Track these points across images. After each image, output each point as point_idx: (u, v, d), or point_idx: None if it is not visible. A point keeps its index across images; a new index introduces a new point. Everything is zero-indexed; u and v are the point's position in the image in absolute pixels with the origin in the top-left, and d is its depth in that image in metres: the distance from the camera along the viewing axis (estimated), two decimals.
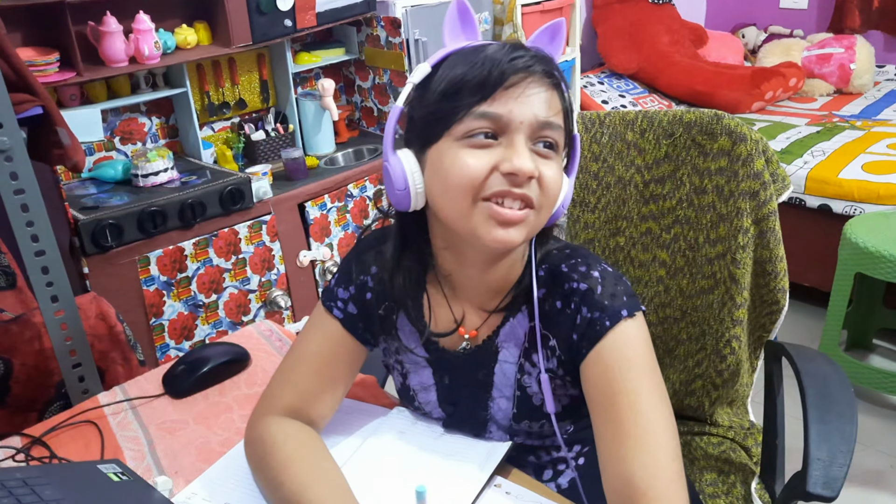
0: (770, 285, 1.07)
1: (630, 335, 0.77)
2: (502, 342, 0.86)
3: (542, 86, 0.75)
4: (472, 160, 0.73)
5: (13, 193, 1.10)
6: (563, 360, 0.82)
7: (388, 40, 2.37)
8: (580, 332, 0.79)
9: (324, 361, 0.89)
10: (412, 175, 0.77)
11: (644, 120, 1.13)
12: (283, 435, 0.84)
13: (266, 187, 2.07)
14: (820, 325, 2.15)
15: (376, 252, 0.89)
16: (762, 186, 1.03)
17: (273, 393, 0.90)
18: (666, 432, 0.74)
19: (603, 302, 0.78)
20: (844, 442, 0.87)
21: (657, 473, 0.71)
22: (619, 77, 3.31)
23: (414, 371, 0.91)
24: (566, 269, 0.82)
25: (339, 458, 0.87)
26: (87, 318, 1.30)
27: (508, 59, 0.73)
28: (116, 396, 1.08)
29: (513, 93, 0.73)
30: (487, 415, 0.89)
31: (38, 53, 1.77)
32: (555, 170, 0.76)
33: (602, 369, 0.77)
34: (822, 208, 2.39)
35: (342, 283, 0.90)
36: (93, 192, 1.94)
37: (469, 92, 0.73)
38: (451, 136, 0.75)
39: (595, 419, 0.77)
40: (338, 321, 0.89)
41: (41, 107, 1.14)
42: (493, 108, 0.73)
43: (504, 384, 0.87)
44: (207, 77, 2.24)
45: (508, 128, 0.73)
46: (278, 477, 0.80)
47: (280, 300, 2.13)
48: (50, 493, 0.77)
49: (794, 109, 3.15)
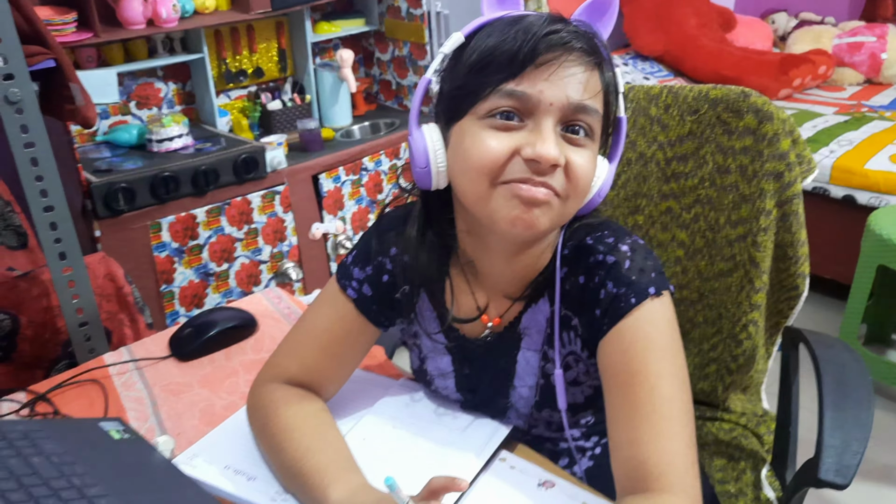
0: (790, 270, 1.04)
1: (655, 314, 0.73)
2: (524, 329, 0.82)
3: (580, 65, 0.68)
4: (493, 142, 0.68)
5: (23, 147, 1.09)
6: (585, 338, 0.78)
7: (409, 12, 2.33)
8: (604, 307, 0.74)
9: (333, 339, 0.86)
10: (434, 152, 0.73)
11: (669, 95, 1.09)
12: (285, 401, 0.83)
13: (280, 157, 2.05)
14: (839, 317, 2.11)
15: (397, 232, 0.84)
16: (787, 168, 1.00)
17: (278, 362, 0.88)
18: (684, 420, 0.71)
19: (630, 277, 0.74)
20: (859, 429, 0.84)
21: (672, 461, 0.68)
22: (645, 59, 3.25)
23: (432, 357, 0.88)
24: (591, 242, 0.77)
25: (343, 428, 0.85)
26: (96, 278, 1.30)
27: (544, 34, 0.67)
28: (122, 357, 1.07)
29: (544, 71, 0.67)
30: (507, 402, 0.86)
31: (56, 13, 1.75)
32: (586, 158, 0.70)
33: (622, 348, 0.73)
34: (846, 199, 2.34)
35: (359, 261, 0.86)
36: (107, 156, 1.93)
37: (497, 67, 0.68)
38: (475, 113, 0.70)
39: (609, 398, 0.74)
40: (351, 302, 0.85)
41: (53, 59, 1.12)
42: (521, 86, 0.67)
43: (526, 372, 0.83)
44: (225, 44, 2.22)
45: (537, 109, 0.68)
46: (280, 443, 0.78)
47: (291, 272, 2.12)
48: (50, 446, 0.77)
49: (822, 98, 3.09)
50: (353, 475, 0.74)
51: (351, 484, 0.72)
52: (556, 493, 0.77)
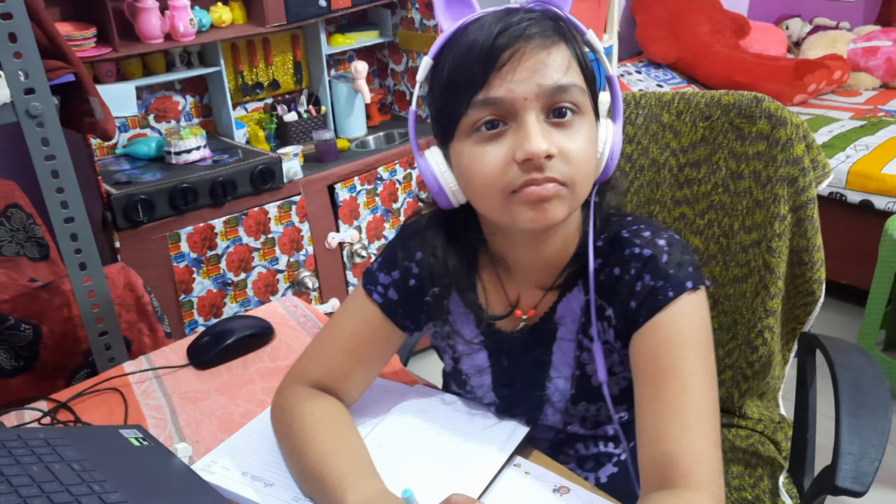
0: (806, 275, 1.04)
1: (692, 310, 0.74)
2: (560, 318, 0.83)
3: (541, 49, 0.68)
4: (487, 157, 0.70)
5: (44, 160, 1.11)
6: (618, 329, 0.79)
7: (422, 23, 2.35)
8: (640, 299, 0.75)
9: (358, 343, 0.87)
10: (442, 176, 0.75)
11: (681, 101, 1.09)
12: (310, 405, 0.84)
13: (296, 168, 2.06)
14: (857, 323, 2.09)
15: (422, 238, 0.85)
16: (801, 173, 1.00)
17: (304, 365, 0.89)
18: (713, 418, 0.71)
19: (668, 271, 0.74)
20: (877, 436, 0.84)
21: (700, 458, 0.68)
22: (658, 66, 3.25)
23: (468, 355, 0.89)
24: (627, 235, 0.78)
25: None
26: (115, 288, 1.31)
27: (496, 33, 0.67)
28: (142, 365, 1.09)
29: (508, 70, 0.68)
30: (544, 395, 0.86)
31: (76, 28, 1.78)
32: (579, 139, 0.71)
33: (656, 341, 0.73)
34: (863, 204, 2.32)
35: (385, 267, 0.88)
36: (126, 168, 1.95)
37: (464, 82, 0.69)
38: (462, 131, 0.71)
39: (640, 392, 0.74)
40: (377, 306, 0.87)
41: (73, 74, 1.15)
42: (491, 93, 0.68)
43: (562, 363, 0.84)
44: (241, 57, 2.24)
45: (513, 109, 0.68)
46: (302, 446, 0.79)
47: (308, 281, 2.13)
48: (71, 453, 0.78)
49: (837, 103, 3.07)
50: (372, 481, 0.75)
51: (369, 490, 0.73)
52: (572, 499, 0.77)
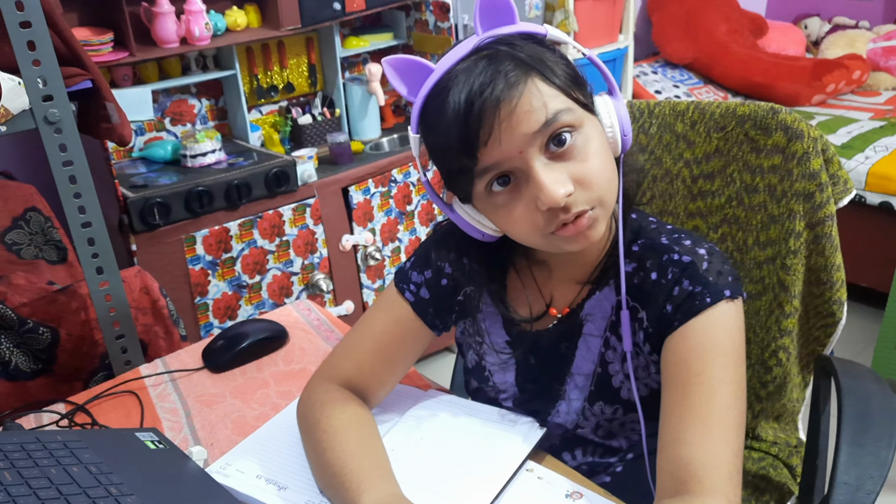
0: (825, 296, 1.00)
1: (728, 319, 0.74)
2: (587, 315, 0.83)
3: (515, 97, 0.67)
4: (514, 214, 0.72)
5: (62, 165, 1.12)
6: (650, 333, 0.79)
7: (436, 25, 2.35)
8: (676, 303, 0.75)
9: (388, 342, 0.88)
10: (480, 224, 0.78)
11: (695, 111, 1.06)
12: (340, 404, 0.85)
13: (311, 171, 2.07)
14: (877, 327, 2.06)
15: (456, 238, 0.86)
16: (818, 188, 0.96)
17: (335, 363, 0.90)
18: (737, 429, 0.71)
19: (707, 278, 0.75)
20: (877, 468, 0.80)
21: (718, 465, 0.67)
22: (674, 67, 3.23)
23: (492, 352, 0.90)
24: (666, 242, 0.79)
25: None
26: (132, 291, 1.33)
27: (465, 119, 0.67)
28: (157, 368, 1.10)
29: (492, 143, 0.68)
30: (562, 389, 0.86)
31: (93, 33, 1.80)
32: (587, 157, 0.71)
33: (689, 346, 0.73)
34: (883, 206, 2.29)
35: (418, 266, 0.89)
36: (142, 172, 1.97)
37: (455, 157, 0.71)
38: (477, 195, 0.74)
39: (667, 395, 0.74)
40: (409, 304, 0.88)
41: (90, 80, 1.16)
42: (484, 161, 0.69)
43: (586, 359, 0.84)
44: (256, 60, 2.25)
45: (514, 165, 0.70)
46: (326, 442, 0.80)
47: (322, 283, 2.14)
48: (88, 456, 0.79)
49: (856, 103, 3.03)
50: (389, 485, 0.75)
51: (385, 493, 0.73)
52: None
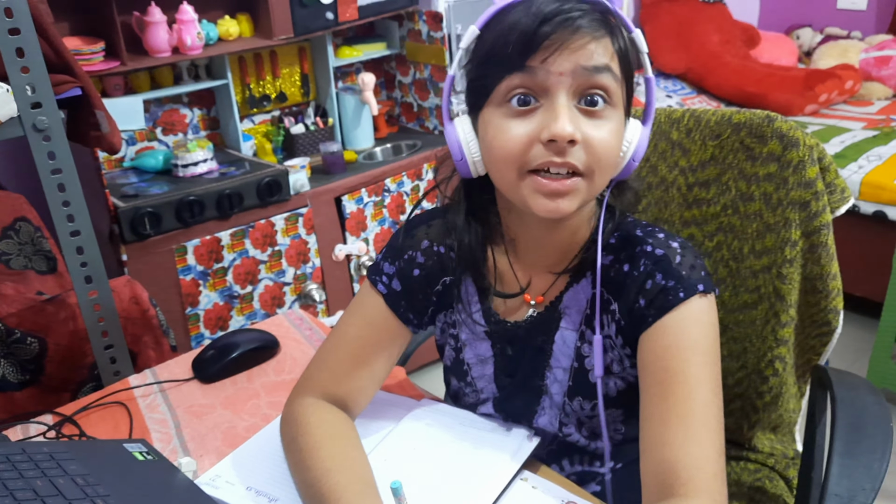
0: (820, 304, 0.99)
1: (702, 314, 0.74)
2: (564, 308, 0.83)
3: (587, 36, 0.69)
4: (512, 131, 0.70)
5: (50, 173, 1.11)
6: (622, 326, 0.78)
7: (429, 35, 2.35)
8: (649, 297, 0.75)
9: (362, 343, 0.87)
10: (467, 144, 0.76)
11: (691, 119, 1.06)
12: (316, 418, 0.83)
13: (303, 180, 2.06)
14: (871, 336, 2.06)
15: (427, 226, 0.87)
16: (814, 197, 0.95)
17: (311, 374, 0.89)
18: (717, 428, 0.70)
19: (680, 272, 0.74)
20: (869, 480, 0.79)
21: (702, 466, 0.67)
22: (667, 77, 3.24)
23: (471, 344, 0.88)
24: (640, 234, 0.79)
25: (364, 450, 0.85)
26: (121, 301, 1.31)
27: (548, 13, 0.68)
28: (147, 379, 1.08)
29: (551, 47, 0.68)
30: (543, 385, 0.86)
31: (84, 42, 1.79)
32: (607, 130, 0.71)
33: (665, 343, 0.73)
34: (876, 215, 2.30)
35: (389, 257, 0.88)
36: (133, 181, 1.96)
37: (507, 53, 0.69)
38: (494, 101, 0.72)
39: (645, 396, 0.74)
40: (381, 297, 0.87)
41: (80, 88, 1.15)
42: (528, 65, 0.69)
43: (563, 353, 0.84)
44: (249, 70, 2.25)
45: (547, 83, 0.69)
46: (305, 460, 0.79)
47: (315, 293, 2.13)
48: (75, 467, 0.78)
49: (849, 113, 3.04)
50: (368, 499, 0.73)
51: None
52: None
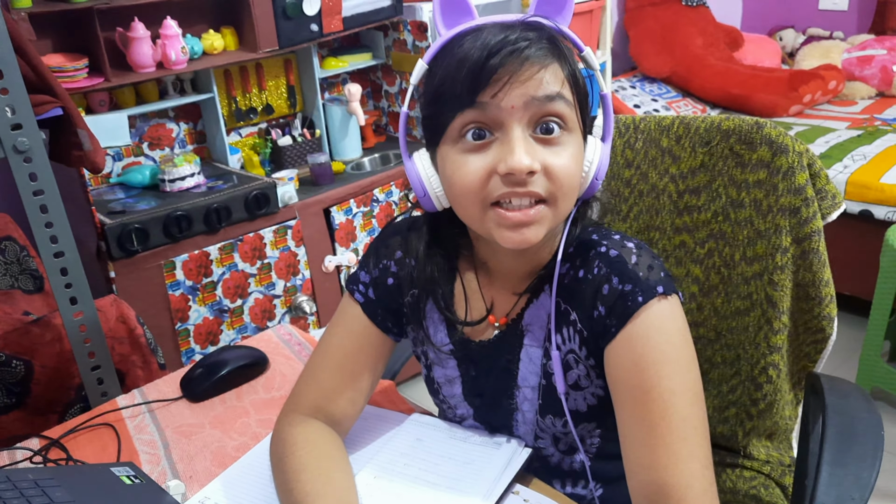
0: (814, 311, 0.99)
1: (665, 318, 0.71)
2: (527, 325, 0.82)
3: (536, 65, 0.68)
4: (469, 166, 0.70)
5: (32, 195, 1.11)
6: (585, 337, 0.76)
7: (414, 44, 2.35)
8: (608, 304, 0.73)
9: (346, 355, 0.86)
10: (428, 180, 0.75)
11: (680, 126, 1.05)
12: (301, 438, 0.82)
13: (292, 192, 2.06)
14: (859, 334, 2.07)
15: (402, 237, 0.86)
16: (804, 203, 0.95)
17: (299, 391, 0.88)
18: (700, 438, 0.69)
19: (637, 273, 0.72)
20: (858, 489, 0.79)
21: (691, 483, 0.67)
22: (652, 81, 3.25)
23: (438, 363, 0.88)
24: (595, 237, 0.77)
25: (355, 467, 0.84)
26: (107, 321, 1.30)
27: (486, 56, 0.67)
28: (135, 399, 1.07)
29: (500, 80, 0.68)
30: (513, 404, 0.85)
31: (68, 59, 1.78)
32: (565, 156, 0.70)
33: (633, 358, 0.71)
34: (862, 214, 2.31)
35: (365, 265, 0.88)
36: (120, 197, 1.95)
37: (457, 89, 0.69)
38: (449, 137, 0.72)
39: (622, 416, 0.72)
40: (359, 306, 0.87)
41: (61, 108, 1.14)
42: (479, 101, 0.68)
43: (529, 371, 0.82)
44: (235, 83, 2.24)
45: (500, 117, 0.68)
46: (289, 483, 0.78)
47: (305, 305, 2.12)
48: (60, 494, 0.77)
49: (833, 113, 3.06)
50: None
51: None
52: None
